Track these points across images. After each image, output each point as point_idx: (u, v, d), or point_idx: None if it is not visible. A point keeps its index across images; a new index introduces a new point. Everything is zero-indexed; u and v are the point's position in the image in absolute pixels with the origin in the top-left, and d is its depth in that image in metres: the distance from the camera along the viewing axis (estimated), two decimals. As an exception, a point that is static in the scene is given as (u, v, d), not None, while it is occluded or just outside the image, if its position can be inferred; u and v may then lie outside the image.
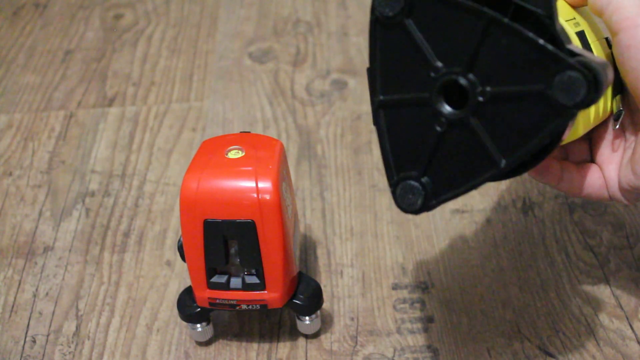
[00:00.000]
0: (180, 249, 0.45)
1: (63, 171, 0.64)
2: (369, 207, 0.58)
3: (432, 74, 0.33)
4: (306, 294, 0.46)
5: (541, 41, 0.29)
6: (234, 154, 0.44)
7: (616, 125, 0.41)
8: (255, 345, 0.49)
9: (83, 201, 0.60)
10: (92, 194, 0.61)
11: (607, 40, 0.41)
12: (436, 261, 0.53)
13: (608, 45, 0.41)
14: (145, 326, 0.50)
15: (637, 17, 0.36)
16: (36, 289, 0.53)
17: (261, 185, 0.42)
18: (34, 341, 0.50)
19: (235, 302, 0.45)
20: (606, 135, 0.43)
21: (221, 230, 0.42)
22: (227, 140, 0.45)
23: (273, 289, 0.44)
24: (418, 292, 0.51)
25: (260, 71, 0.74)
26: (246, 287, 0.45)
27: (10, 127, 0.69)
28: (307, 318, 0.47)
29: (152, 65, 0.76)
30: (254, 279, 0.44)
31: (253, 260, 0.43)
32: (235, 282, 0.45)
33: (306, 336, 0.49)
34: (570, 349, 0.47)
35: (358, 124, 0.66)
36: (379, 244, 0.55)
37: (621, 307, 0.49)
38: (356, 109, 0.68)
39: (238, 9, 0.85)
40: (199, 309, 0.46)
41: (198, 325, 0.47)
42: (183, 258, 0.45)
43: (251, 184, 0.42)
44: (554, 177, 0.42)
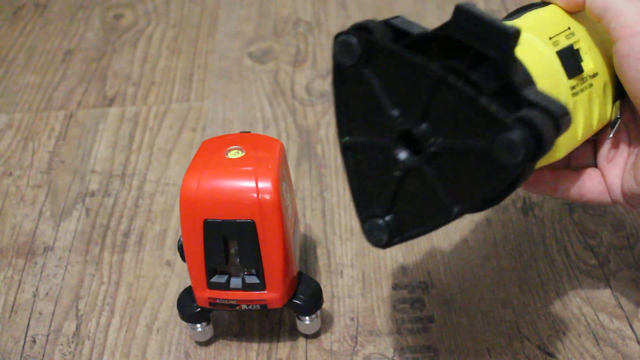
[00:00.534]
0: (180, 249, 0.45)
1: (63, 171, 0.64)
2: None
3: (389, 122, 0.34)
4: (306, 294, 0.46)
5: (482, 101, 0.30)
6: (234, 154, 0.44)
7: (611, 133, 0.41)
8: (255, 345, 0.49)
9: (83, 201, 0.61)
10: (92, 194, 0.61)
11: None
12: (436, 261, 0.53)
13: None
14: (145, 326, 0.50)
15: (636, 25, 0.35)
16: (36, 289, 0.53)
17: (261, 185, 0.42)
18: (34, 341, 0.50)
19: (235, 302, 0.45)
20: (608, 140, 0.42)
21: (221, 230, 0.42)
22: (227, 140, 0.45)
23: (273, 289, 0.44)
24: (418, 292, 0.51)
25: (260, 71, 0.74)
26: (246, 287, 0.45)
27: (10, 127, 0.69)
28: (307, 318, 0.47)
29: (152, 65, 0.76)
30: (254, 279, 0.44)
31: (253, 260, 0.43)
32: (235, 282, 0.45)
33: (306, 336, 0.49)
34: (570, 349, 0.47)
35: (358, 124, 0.66)
36: (379, 244, 0.55)
37: (621, 307, 0.49)
38: (356, 109, 0.68)
39: (238, 9, 0.85)
40: (199, 309, 0.46)
41: (198, 325, 0.47)
42: (183, 258, 0.45)
43: (251, 184, 0.42)
44: (548, 188, 0.42)
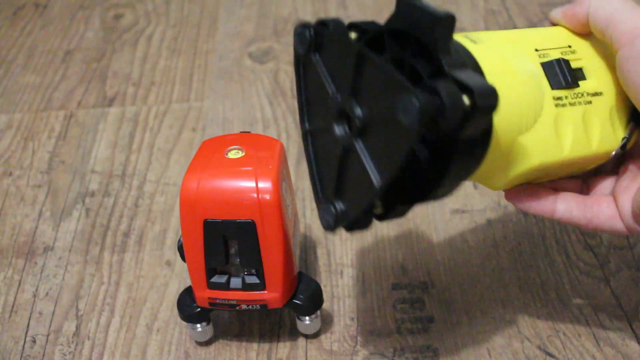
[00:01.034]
0: (180, 249, 0.45)
1: (63, 171, 0.64)
2: (369, 207, 0.58)
3: (330, 102, 0.37)
4: (306, 294, 0.46)
5: (390, 69, 0.32)
6: (234, 154, 0.44)
7: (613, 151, 0.40)
8: (255, 345, 0.49)
9: (83, 201, 0.61)
10: (92, 194, 0.61)
11: None
12: (436, 261, 0.53)
13: None
14: (145, 326, 0.50)
15: (636, 29, 0.36)
16: (36, 289, 0.53)
17: (261, 185, 0.42)
18: (34, 341, 0.50)
19: (235, 302, 0.45)
20: (627, 165, 0.41)
21: (221, 230, 0.42)
22: (227, 140, 0.45)
23: (273, 289, 0.44)
24: (418, 292, 0.51)
25: (260, 71, 0.74)
26: (246, 287, 0.45)
27: (10, 127, 0.69)
28: (307, 318, 0.47)
29: (152, 65, 0.76)
30: (254, 279, 0.44)
31: (253, 260, 0.43)
32: (235, 282, 0.45)
33: (306, 336, 0.49)
34: (570, 349, 0.47)
35: (358, 124, 0.66)
36: (379, 244, 0.55)
37: (621, 307, 0.49)
38: (356, 109, 0.68)
39: (238, 9, 0.85)
40: (199, 309, 0.46)
41: (198, 325, 0.47)
42: (183, 258, 0.45)
43: (251, 184, 0.42)
44: (547, 208, 0.40)
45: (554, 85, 0.38)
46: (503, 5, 0.82)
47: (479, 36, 0.38)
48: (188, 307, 0.47)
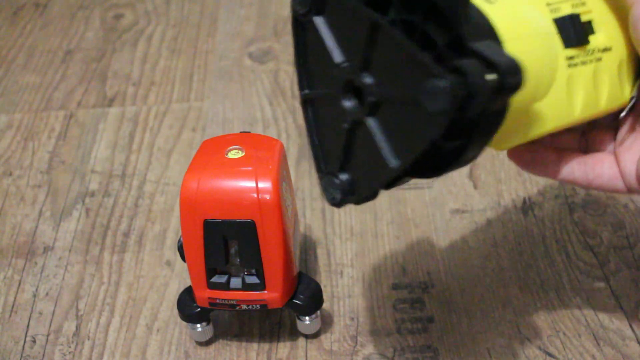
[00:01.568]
0: (180, 249, 0.45)
1: (63, 171, 0.64)
2: (369, 207, 0.58)
3: (337, 71, 0.34)
4: (306, 294, 0.46)
5: (411, 47, 0.29)
6: (234, 154, 0.44)
7: (624, 112, 0.38)
8: (255, 345, 0.49)
9: (83, 201, 0.61)
10: (92, 194, 0.61)
11: None
12: (436, 261, 0.53)
13: None
14: (145, 326, 0.50)
15: None
16: (36, 289, 0.53)
17: (261, 185, 0.42)
18: (34, 341, 0.50)
19: (235, 302, 0.45)
20: (627, 122, 0.39)
21: (221, 230, 0.42)
22: (227, 140, 0.45)
23: (273, 289, 0.44)
24: (418, 292, 0.51)
25: (260, 71, 0.74)
26: (246, 287, 0.45)
27: (10, 127, 0.69)
28: (307, 318, 0.47)
29: (152, 65, 0.76)
30: (254, 279, 0.44)
31: (253, 260, 0.43)
32: (235, 282, 0.45)
33: (306, 336, 0.49)
34: (570, 349, 0.47)
35: (358, 124, 0.66)
36: (379, 244, 0.55)
37: (621, 307, 0.49)
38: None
39: (238, 9, 0.85)
40: (199, 309, 0.46)
41: (198, 325, 0.47)
42: (183, 258, 0.45)
43: (251, 184, 0.42)
44: (551, 169, 0.39)
45: (567, 43, 0.36)
46: None
47: None
48: (188, 307, 0.47)
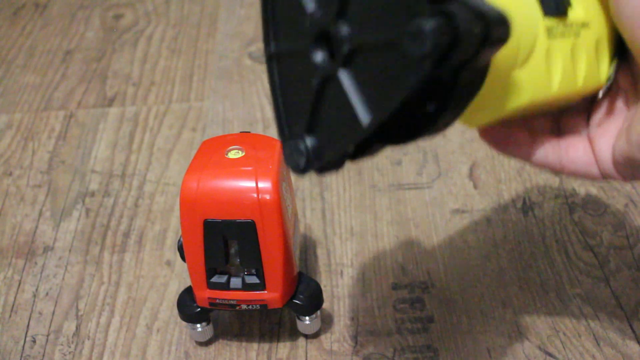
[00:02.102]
0: (180, 249, 0.45)
1: (63, 171, 0.64)
2: (369, 207, 0.58)
3: (308, 22, 0.31)
4: (306, 294, 0.46)
5: None
6: (234, 154, 0.44)
7: (601, 93, 0.37)
8: (255, 345, 0.49)
9: (83, 201, 0.61)
10: (92, 194, 0.61)
11: None
12: (436, 261, 0.53)
13: None
14: (145, 326, 0.50)
15: None
16: (36, 289, 0.53)
17: (261, 185, 0.42)
18: (34, 341, 0.50)
19: (235, 302, 0.45)
20: (603, 105, 0.38)
21: (221, 230, 0.42)
22: (227, 140, 0.45)
23: (273, 289, 0.44)
24: (418, 292, 0.51)
25: (260, 71, 0.74)
26: (246, 287, 0.45)
27: (10, 127, 0.69)
28: (307, 318, 0.47)
29: (152, 65, 0.76)
30: (254, 279, 0.44)
31: (253, 260, 0.43)
32: (235, 282, 0.45)
33: (306, 336, 0.49)
34: (570, 349, 0.47)
35: (358, 124, 0.66)
36: (379, 244, 0.55)
37: (621, 307, 0.49)
38: (356, 109, 0.68)
39: (238, 9, 0.85)
40: (199, 309, 0.46)
41: (198, 325, 0.47)
42: (183, 258, 0.45)
43: (251, 184, 0.42)
44: (524, 151, 0.37)
45: (547, 11, 0.34)
46: None
47: None
48: (188, 307, 0.47)
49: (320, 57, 0.31)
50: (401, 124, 0.31)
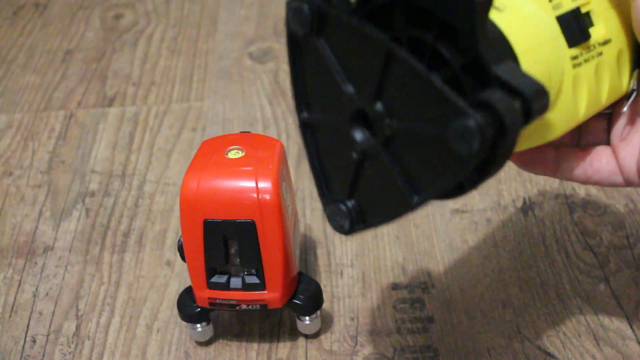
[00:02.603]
0: (180, 249, 0.45)
1: (63, 171, 0.64)
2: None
3: (344, 99, 0.31)
4: (306, 294, 0.46)
5: (435, 81, 0.26)
6: (234, 154, 0.44)
7: (625, 106, 0.37)
8: (255, 345, 0.49)
9: (83, 201, 0.61)
10: (92, 194, 0.61)
11: None
12: (436, 261, 0.53)
13: None
14: (145, 326, 0.50)
15: None
16: (36, 289, 0.53)
17: (261, 185, 0.42)
18: (34, 341, 0.50)
19: (235, 302, 0.45)
20: (624, 115, 0.38)
21: (221, 230, 0.42)
22: (227, 140, 0.45)
23: (273, 289, 0.44)
24: (418, 292, 0.51)
25: (260, 71, 0.74)
26: (246, 287, 0.45)
27: (10, 127, 0.69)
28: (307, 318, 0.47)
29: (152, 65, 0.76)
30: (254, 279, 0.44)
31: (253, 260, 0.43)
32: (235, 282, 0.45)
33: (306, 336, 0.49)
34: (570, 349, 0.47)
35: (358, 124, 0.66)
36: (379, 244, 0.55)
37: (621, 307, 0.49)
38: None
39: (238, 9, 0.85)
40: (199, 309, 0.46)
41: (198, 325, 0.47)
42: (183, 258, 0.45)
43: (251, 184, 0.42)
44: (549, 168, 0.38)
45: (571, 42, 0.33)
46: None
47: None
48: (188, 307, 0.47)
49: (359, 136, 0.31)
50: None
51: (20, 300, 0.53)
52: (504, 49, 0.30)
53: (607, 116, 0.39)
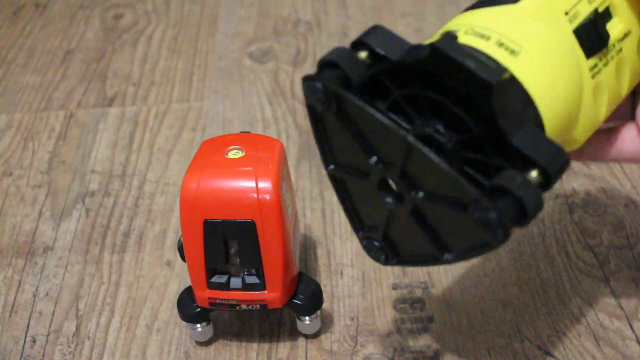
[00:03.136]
0: (180, 249, 0.45)
1: (63, 171, 0.64)
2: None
3: (369, 167, 0.32)
4: (306, 294, 0.46)
5: (451, 173, 0.28)
6: (234, 154, 0.44)
7: None
8: (255, 345, 0.49)
9: (83, 201, 0.60)
10: (92, 194, 0.61)
11: None
12: (436, 261, 0.53)
13: None
14: (145, 326, 0.50)
15: None
16: (36, 289, 0.53)
17: (261, 185, 0.42)
18: (34, 341, 0.50)
19: (235, 302, 0.45)
20: None
21: (221, 230, 0.42)
22: (227, 140, 0.45)
23: (273, 289, 0.44)
24: (418, 292, 0.51)
25: (260, 71, 0.74)
26: (246, 287, 0.45)
27: (10, 127, 0.69)
28: (307, 318, 0.47)
29: (152, 65, 0.76)
30: (254, 279, 0.44)
31: (253, 260, 0.43)
32: (235, 282, 0.45)
33: (306, 336, 0.49)
34: (570, 349, 0.47)
35: (358, 124, 0.66)
36: (379, 244, 0.55)
37: (621, 307, 0.49)
38: (356, 109, 0.68)
39: (238, 9, 0.85)
40: (199, 309, 0.46)
41: (198, 325, 0.47)
42: (183, 258, 0.45)
43: (251, 184, 0.42)
44: (575, 153, 0.38)
45: (589, 53, 0.32)
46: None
47: (513, 35, 0.31)
48: (188, 307, 0.47)
49: (388, 198, 0.32)
50: None
51: (20, 300, 0.53)
52: (524, 107, 0.30)
53: (632, 92, 0.38)
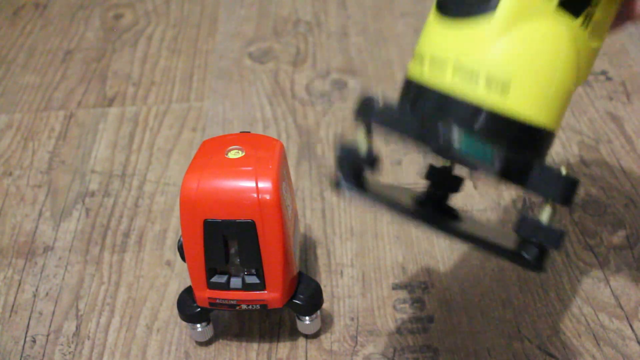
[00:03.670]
0: (180, 249, 0.45)
1: (63, 171, 0.64)
2: (369, 207, 0.58)
3: None
4: (306, 294, 0.46)
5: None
6: (234, 154, 0.44)
7: None
8: (255, 345, 0.49)
9: (83, 201, 0.60)
10: (92, 194, 0.61)
11: None
12: (436, 261, 0.53)
13: None
14: (145, 326, 0.50)
15: None
16: (36, 289, 0.53)
17: (261, 185, 0.42)
18: (34, 341, 0.50)
19: (235, 302, 0.45)
20: None
21: (221, 230, 0.42)
22: (227, 140, 0.45)
23: (273, 289, 0.44)
24: (418, 292, 0.51)
25: (260, 71, 0.74)
26: (246, 287, 0.45)
27: (10, 127, 0.69)
28: (307, 318, 0.47)
29: (152, 65, 0.76)
30: (254, 279, 0.44)
31: (253, 260, 0.43)
32: (235, 282, 0.45)
33: (306, 336, 0.49)
34: (570, 349, 0.47)
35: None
36: (379, 244, 0.55)
37: (621, 307, 0.49)
38: (356, 109, 0.68)
39: (238, 9, 0.85)
40: (199, 309, 0.46)
41: (198, 325, 0.47)
42: (183, 258, 0.45)
43: (251, 184, 0.42)
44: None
45: (577, 12, 0.32)
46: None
47: (499, 60, 0.32)
48: (188, 307, 0.47)
49: None
50: None
51: (20, 300, 0.53)
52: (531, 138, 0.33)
53: None
